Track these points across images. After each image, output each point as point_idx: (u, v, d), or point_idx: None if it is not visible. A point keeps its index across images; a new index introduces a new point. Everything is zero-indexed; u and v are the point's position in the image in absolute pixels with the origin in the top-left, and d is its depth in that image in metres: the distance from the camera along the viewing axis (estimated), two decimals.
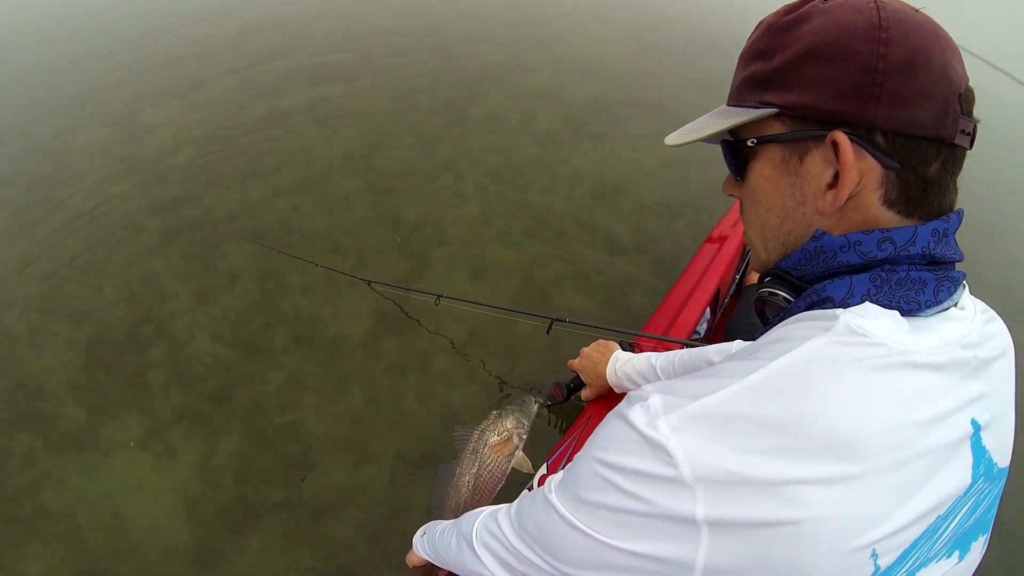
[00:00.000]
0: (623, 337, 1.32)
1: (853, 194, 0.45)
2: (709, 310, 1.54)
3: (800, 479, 0.37)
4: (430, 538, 0.84)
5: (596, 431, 0.48)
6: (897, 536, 0.39)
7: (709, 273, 1.57)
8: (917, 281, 0.44)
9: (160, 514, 1.36)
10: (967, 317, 0.46)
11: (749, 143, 0.51)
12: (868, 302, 0.43)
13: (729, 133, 0.53)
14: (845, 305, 0.44)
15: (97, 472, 1.44)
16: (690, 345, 1.16)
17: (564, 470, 0.51)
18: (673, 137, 0.57)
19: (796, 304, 0.48)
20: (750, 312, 1.51)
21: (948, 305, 0.46)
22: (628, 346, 1.28)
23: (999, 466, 0.47)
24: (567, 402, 1.32)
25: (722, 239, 1.72)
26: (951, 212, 0.47)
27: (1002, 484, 0.49)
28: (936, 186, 0.45)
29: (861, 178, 0.45)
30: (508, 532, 0.56)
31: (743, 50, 0.52)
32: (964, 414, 0.43)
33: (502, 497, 1.13)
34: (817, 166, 0.47)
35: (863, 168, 0.44)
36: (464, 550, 0.67)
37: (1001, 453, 0.47)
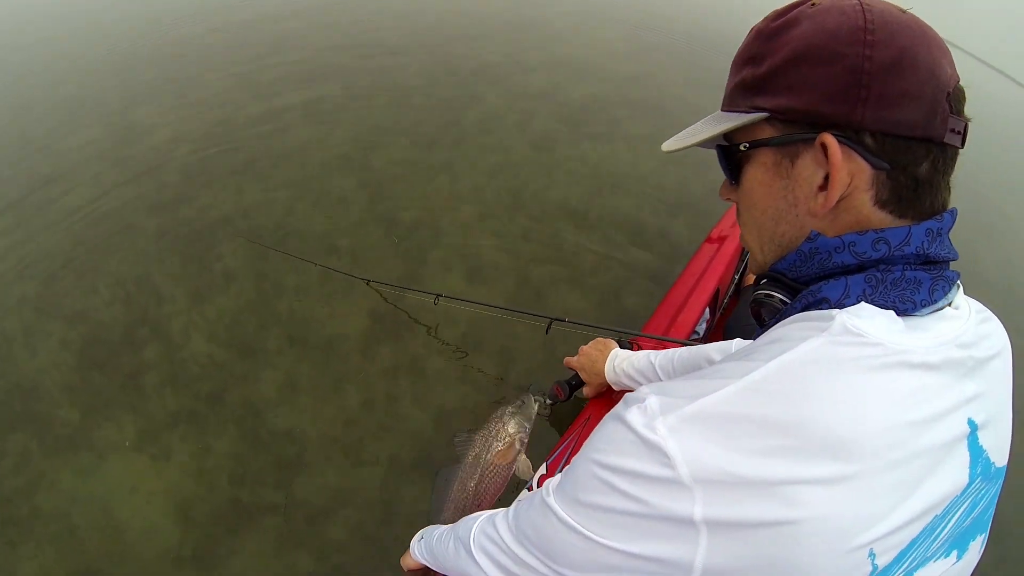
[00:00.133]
0: (622, 337, 1.32)
1: (844, 195, 0.46)
2: (708, 310, 1.54)
3: (798, 479, 0.37)
4: (428, 542, 0.85)
5: (594, 433, 0.48)
6: (895, 535, 0.39)
7: (708, 273, 1.57)
8: (912, 281, 0.45)
9: (154, 515, 1.36)
10: (962, 317, 0.47)
11: (742, 147, 0.51)
12: (864, 302, 0.44)
13: (723, 138, 0.54)
14: (841, 305, 0.45)
15: (91, 473, 1.44)
16: (689, 345, 1.16)
17: (562, 473, 0.51)
18: (669, 143, 0.58)
19: (792, 305, 0.49)
20: (749, 312, 1.50)
21: (943, 305, 0.46)
22: (627, 345, 1.28)
23: (996, 466, 0.47)
24: (569, 400, 1.32)
25: (721, 239, 1.72)
26: (944, 211, 0.47)
27: (1000, 484, 0.49)
28: (927, 186, 0.46)
29: (851, 179, 0.45)
30: (506, 536, 0.56)
31: (735, 56, 0.53)
32: (960, 414, 0.44)
33: (501, 501, 1.13)
34: (808, 168, 0.47)
35: (853, 169, 0.45)
36: (462, 555, 0.67)
37: (998, 453, 0.47)
